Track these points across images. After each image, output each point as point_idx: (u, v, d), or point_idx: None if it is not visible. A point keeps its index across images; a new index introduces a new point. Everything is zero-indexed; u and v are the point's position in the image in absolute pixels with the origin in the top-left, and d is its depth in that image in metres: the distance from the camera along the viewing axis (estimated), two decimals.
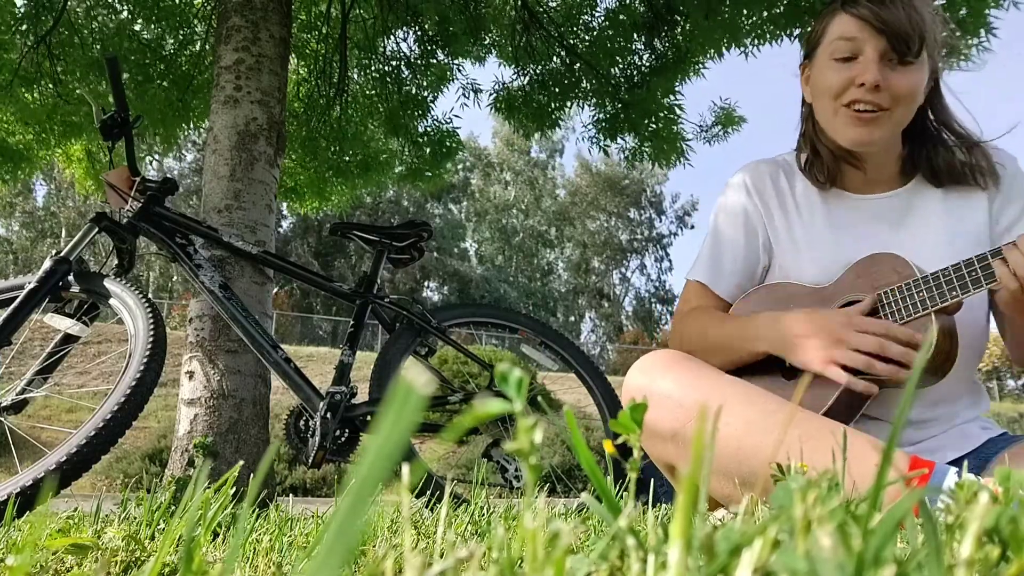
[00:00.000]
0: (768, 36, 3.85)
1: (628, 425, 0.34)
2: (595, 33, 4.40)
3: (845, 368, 0.99)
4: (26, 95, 4.05)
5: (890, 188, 1.20)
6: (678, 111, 4.39)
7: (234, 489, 0.75)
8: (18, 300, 1.63)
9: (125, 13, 4.22)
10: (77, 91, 4.10)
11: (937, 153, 1.15)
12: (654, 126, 4.39)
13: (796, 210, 1.25)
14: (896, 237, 1.16)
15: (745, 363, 1.15)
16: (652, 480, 1.11)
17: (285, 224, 30.57)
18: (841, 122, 1.12)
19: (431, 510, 1.51)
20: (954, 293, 1.02)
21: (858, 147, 1.13)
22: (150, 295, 2.50)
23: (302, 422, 1.89)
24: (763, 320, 1.11)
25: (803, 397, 1.08)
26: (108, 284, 1.71)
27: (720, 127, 4.63)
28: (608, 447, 0.50)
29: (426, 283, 33.80)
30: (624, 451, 1.55)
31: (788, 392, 1.12)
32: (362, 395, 1.93)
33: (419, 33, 4.65)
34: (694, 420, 0.98)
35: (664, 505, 1.04)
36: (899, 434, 0.22)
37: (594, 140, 4.64)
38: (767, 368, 1.17)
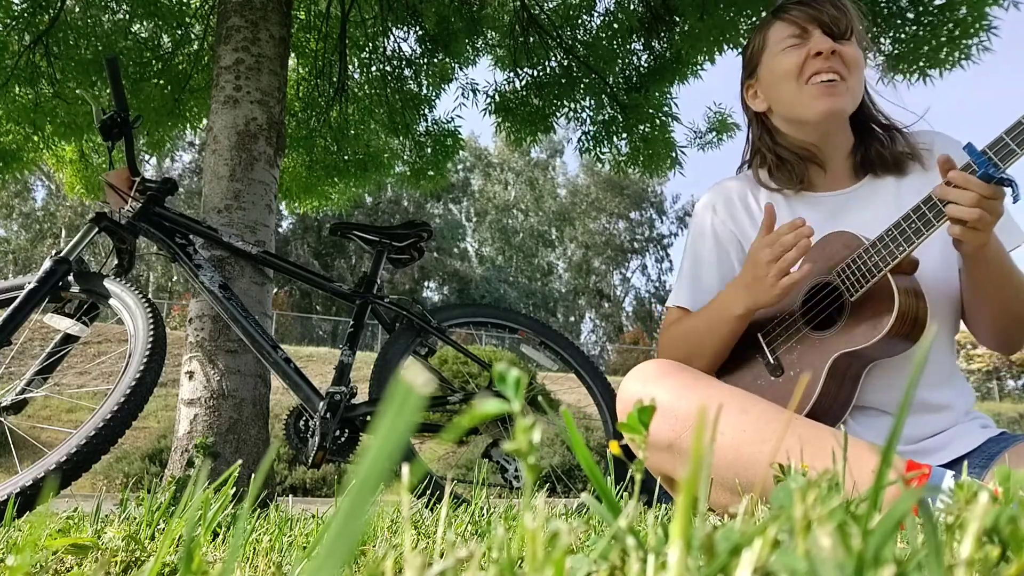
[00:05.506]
0: None
1: (636, 427, 0.34)
2: (593, 34, 4.39)
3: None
4: (21, 95, 4.03)
5: (849, 184, 1.26)
6: (671, 117, 4.38)
7: (234, 489, 0.75)
8: (18, 300, 1.63)
9: (122, 13, 4.22)
10: (78, 90, 4.09)
11: (872, 145, 1.24)
12: (648, 133, 4.38)
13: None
14: (857, 226, 1.18)
15: (727, 340, 1.20)
16: (651, 480, 1.11)
17: (285, 224, 30.56)
18: (808, 97, 1.19)
19: (431, 510, 1.51)
20: (901, 248, 1.03)
21: (827, 118, 1.19)
22: (150, 295, 2.50)
23: (302, 422, 1.89)
24: (725, 293, 1.21)
25: (801, 368, 1.11)
26: (108, 284, 1.71)
27: (715, 133, 4.63)
28: (614, 448, 0.50)
29: (426, 283, 33.78)
30: (629, 453, 1.55)
31: (775, 388, 1.14)
32: (362, 395, 1.93)
33: (420, 33, 4.65)
34: (690, 430, 0.99)
35: (664, 506, 1.04)
36: (899, 433, 0.22)
37: (587, 148, 4.64)
38: (751, 362, 1.21)
